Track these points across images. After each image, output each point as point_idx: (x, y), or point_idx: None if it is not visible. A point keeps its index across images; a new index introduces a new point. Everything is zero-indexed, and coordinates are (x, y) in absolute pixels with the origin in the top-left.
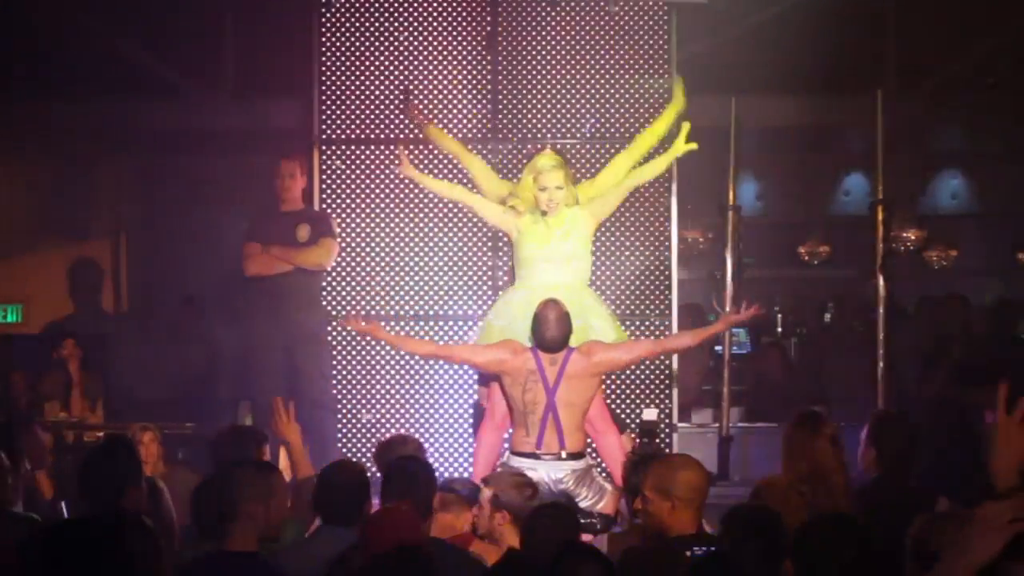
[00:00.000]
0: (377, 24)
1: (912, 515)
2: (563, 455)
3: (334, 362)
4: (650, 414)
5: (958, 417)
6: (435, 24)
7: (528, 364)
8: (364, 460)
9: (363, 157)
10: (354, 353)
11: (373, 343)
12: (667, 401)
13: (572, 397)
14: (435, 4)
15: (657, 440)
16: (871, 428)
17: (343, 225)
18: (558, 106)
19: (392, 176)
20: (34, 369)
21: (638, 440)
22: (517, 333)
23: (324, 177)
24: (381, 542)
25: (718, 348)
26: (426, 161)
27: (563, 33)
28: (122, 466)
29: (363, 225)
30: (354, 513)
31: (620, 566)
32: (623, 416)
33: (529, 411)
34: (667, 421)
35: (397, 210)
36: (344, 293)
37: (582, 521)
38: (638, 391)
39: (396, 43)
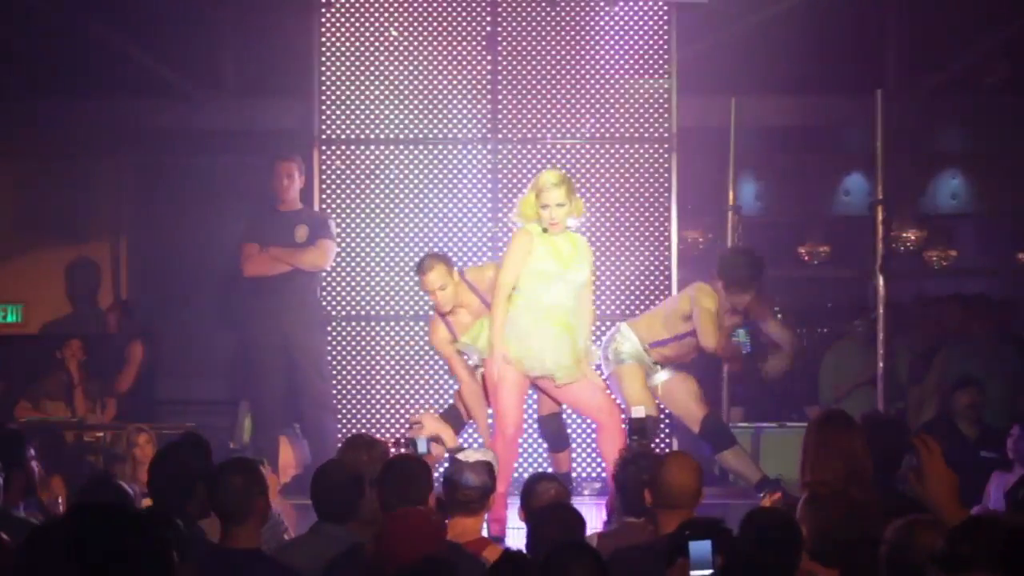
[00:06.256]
0: (377, 24)
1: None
2: None
3: (333, 362)
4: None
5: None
6: (435, 24)
7: None
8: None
9: (363, 157)
10: (353, 353)
11: (372, 343)
12: None
13: None
14: (435, 4)
15: (647, 439)
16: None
17: (343, 225)
18: (558, 106)
19: (392, 176)
20: (33, 370)
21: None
22: (532, 357)
23: (324, 177)
24: (402, 549)
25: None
26: (427, 161)
27: (563, 33)
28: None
29: (363, 225)
30: (348, 510)
31: (610, 565)
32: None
33: None
34: (667, 421)
35: (397, 210)
36: (343, 293)
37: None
38: None
39: (396, 43)
